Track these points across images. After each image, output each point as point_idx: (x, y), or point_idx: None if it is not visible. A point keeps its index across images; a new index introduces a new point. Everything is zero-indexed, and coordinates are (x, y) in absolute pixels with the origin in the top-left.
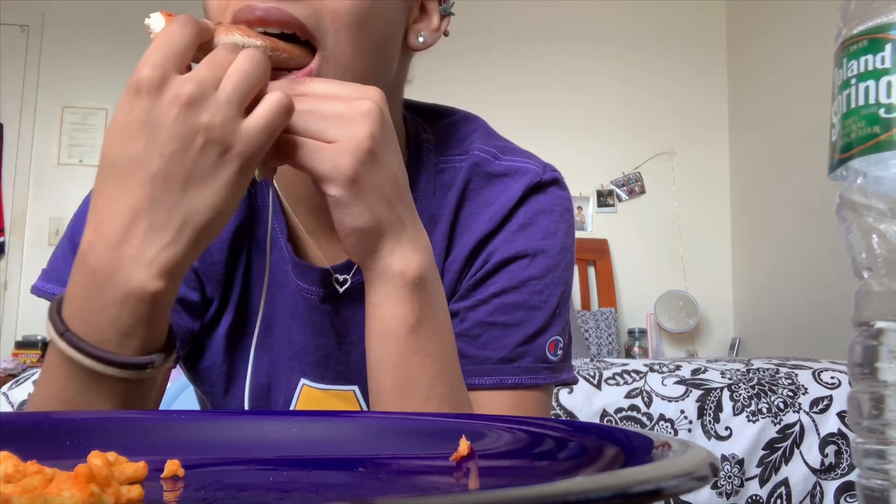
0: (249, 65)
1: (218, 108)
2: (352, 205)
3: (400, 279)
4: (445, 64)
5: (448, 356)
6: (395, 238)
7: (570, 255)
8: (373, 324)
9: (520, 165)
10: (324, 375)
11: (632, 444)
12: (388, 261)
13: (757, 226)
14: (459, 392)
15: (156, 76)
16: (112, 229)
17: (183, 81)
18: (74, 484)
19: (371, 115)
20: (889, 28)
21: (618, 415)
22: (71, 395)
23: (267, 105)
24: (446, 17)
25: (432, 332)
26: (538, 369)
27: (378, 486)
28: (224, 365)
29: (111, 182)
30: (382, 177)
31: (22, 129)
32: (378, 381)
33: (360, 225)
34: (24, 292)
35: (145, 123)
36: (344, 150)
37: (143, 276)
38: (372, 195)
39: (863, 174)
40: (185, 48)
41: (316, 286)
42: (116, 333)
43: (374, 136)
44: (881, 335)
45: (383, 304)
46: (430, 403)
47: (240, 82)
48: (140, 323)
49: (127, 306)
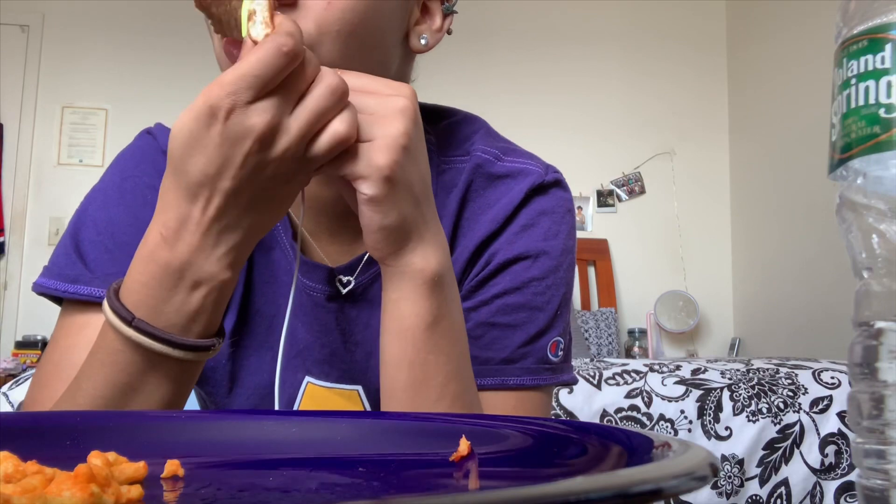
0: (327, 101)
1: (290, 144)
2: (384, 203)
3: (420, 276)
4: (446, 64)
5: (462, 355)
6: (419, 236)
7: (571, 256)
8: (390, 320)
9: (522, 167)
10: (329, 373)
11: (632, 444)
12: (409, 258)
13: (757, 226)
14: (471, 391)
15: (235, 103)
16: (184, 229)
17: (260, 111)
18: (74, 484)
19: (406, 113)
20: (889, 28)
21: (618, 415)
22: (129, 379)
23: (330, 134)
24: (449, 15)
25: (448, 330)
26: (540, 370)
27: (378, 486)
28: (228, 364)
29: (182, 188)
30: (414, 175)
31: (22, 129)
32: (392, 379)
33: (388, 223)
34: (24, 292)
35: (220, 146)
36: (380, 147)
37: (215, 267)
38: (404, 193)
39: (863, 174)
40: (270, 78)
41: (322, 284)
42: (184, 318)
43: (409, 134)
44: (881, 335)
45: (401, 300)
46: (443, 402)
47: (313, 119)
48: (205, 309)
49: (198, 293)
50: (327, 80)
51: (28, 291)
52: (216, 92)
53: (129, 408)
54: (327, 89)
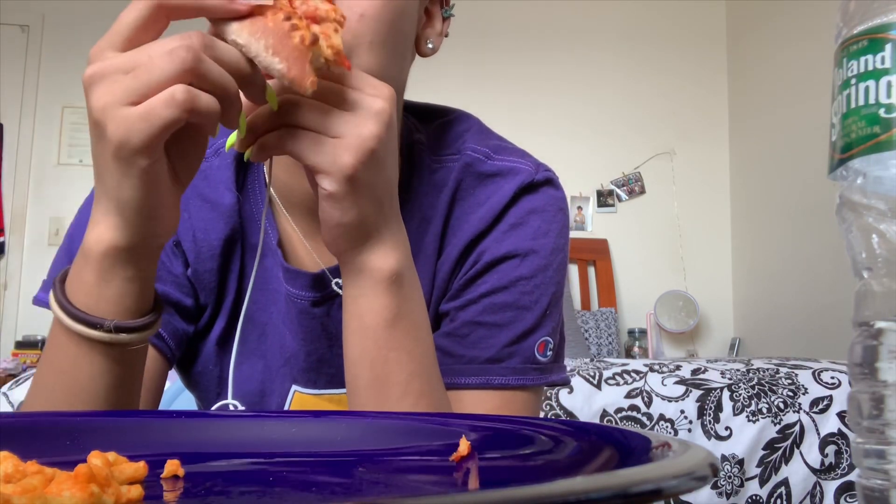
0: (164, 63)
1: (104, 91)
2: (343, 201)
3: (378, 273)
4: (445, 65)
5: (425, 354)
6: (378, 237)
7: (562, 255)
8: (350, 318)
9: (512, 165)
10: (315, 381)
11: (631, 445)
12: (366, 256)
13: (757, 226)
14: (437, 389)
15: (93, 52)
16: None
17: (93, 60)
18: (74, 484)
19: (381, 117)
20: (889, 28)
21: (618, 415)
22: (70, 366)
23: (157, 97)
24: (447, 20)
25: (409, 328)
26: (526, 370)
27: (377, 487)
28: (216, 370)
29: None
30: (378, 178)
31: (22, 129)
32: (355, 377)
33: (346, 221)
34: (24, 292)
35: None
36: (347, 146)
37: (92, 234)
38: (365, 194)
39: (863, 174)
40: (130, 29)
41: (306, 291)
42: (92, 299)
43: (379, 138)
44: (881, 335)
45: (360, 297)
46: (406, 399)
47: (142, 75)
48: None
49: (89, 268)
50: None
51: (28, 292)
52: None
53: (77, 395)
54: (171, 55)
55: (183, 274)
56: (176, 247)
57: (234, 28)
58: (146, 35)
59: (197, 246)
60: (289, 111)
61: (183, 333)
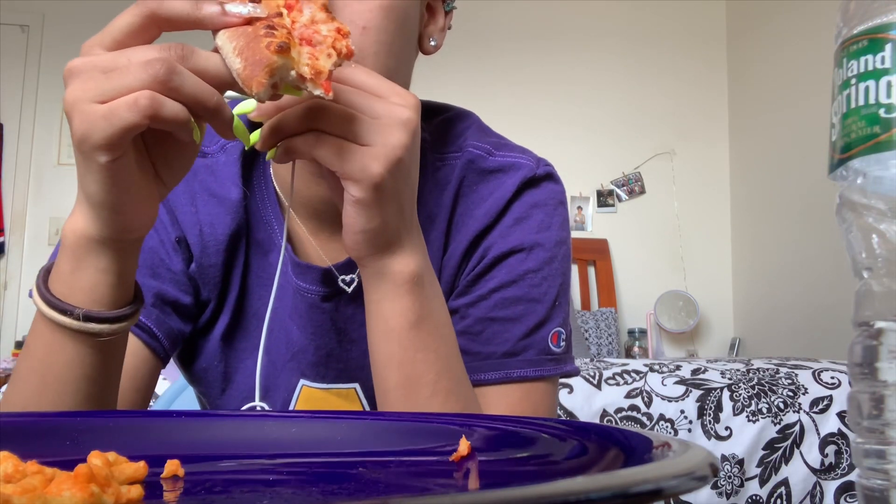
0: (138, 71)
1: (78, 86)
2: (370, 207)
3: (399, 277)
4: (445, 63)
5: (450, 352)
6: (399, 243)
7: (565, 247)
8: (375, 322)
9: (513, 161)
10: (324, 375)
11: (631, 445)
12: (387, 261)
13: (757, 226)
14: (464, 386)
15: (84, 46)
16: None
17: (82, 54)
18: (74, 484)
19: (408, 126)
20: (889, 28)
21: (618, 415)
22: (40, 353)
23: (121, 100)
24: (449, 13)
25: (433, 328)
26: (542, 361)
27: (377, 487)
28: (220, 366)
29: None
30: (404, 186)
31: (22, 129)
32: (383, 379)
33: (371, 227)
34: (23, 292)
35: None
36: (376, 155)
37: (68, 223)
38: (391, 202)
39: (863, 174)
40: (121, 32)
41: (316, 285)
42: (68, 288)
43: (406, 147)
44: (881, 335)
45: (383, 301)
46: (436, 398)
47: (115, 78)
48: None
49: (68, 250)
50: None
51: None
52: None
53: (51, 384)
54: (148, 63)
55: (182, 271)
56: (178, 243)
57: (220, 32)
58: (135, 40)
59: (203, 240)
60: (317, 116)
61: (179, 333)
